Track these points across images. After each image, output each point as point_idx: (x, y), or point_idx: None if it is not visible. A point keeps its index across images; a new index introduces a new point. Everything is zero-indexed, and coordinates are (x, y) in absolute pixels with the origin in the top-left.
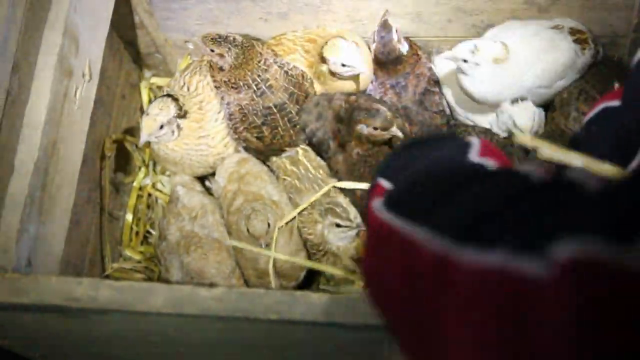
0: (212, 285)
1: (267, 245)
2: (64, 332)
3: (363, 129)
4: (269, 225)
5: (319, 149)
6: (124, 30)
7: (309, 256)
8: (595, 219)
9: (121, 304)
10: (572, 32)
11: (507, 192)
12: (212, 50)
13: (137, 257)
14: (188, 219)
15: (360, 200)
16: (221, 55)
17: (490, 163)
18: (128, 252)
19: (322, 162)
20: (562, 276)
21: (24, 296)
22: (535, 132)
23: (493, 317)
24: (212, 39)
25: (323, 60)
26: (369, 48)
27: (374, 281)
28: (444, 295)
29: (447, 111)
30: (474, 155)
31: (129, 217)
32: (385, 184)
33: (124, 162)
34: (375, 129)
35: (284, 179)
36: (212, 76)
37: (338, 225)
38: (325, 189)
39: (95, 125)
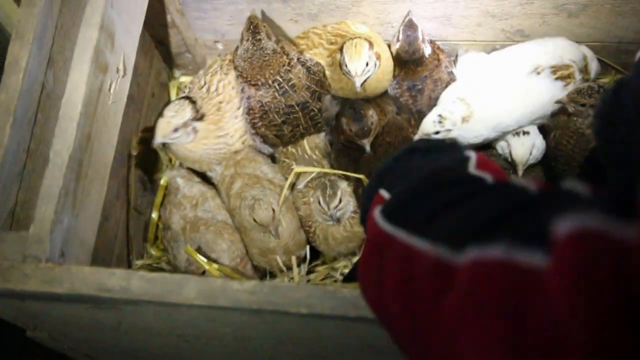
0: (243, 278)
1: (276, 230)
2: (94, 323)
3: (343, 123)
4: (273, 210)
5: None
6: (155, 29)
7: (305, 233)
8: (590, 204)
9: (153, 295)
10: (555, 70)
11: (507, 201)
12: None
13: (161, 255)
14: (189, 207)
15: (355, 190)
16: (241, 40)
17: (488, 176)
18: (153, 251)
19: (320, 143)
20: (562, 252)
21: (57, 286)
22: (531, 164)
23: (494, 310)
24: (251, 22)
25: (341, 50)
26: (390, 48)
27: (370, 287)
28: (443, 298)
29: None
30: (472, 169)
31: (155, 215)
32: (384, 193)
33: (152, 159)
34: (351, 130)
35: (283, 161)
36: (233, 60)
37: (318, 202)
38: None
39: (126, 122)
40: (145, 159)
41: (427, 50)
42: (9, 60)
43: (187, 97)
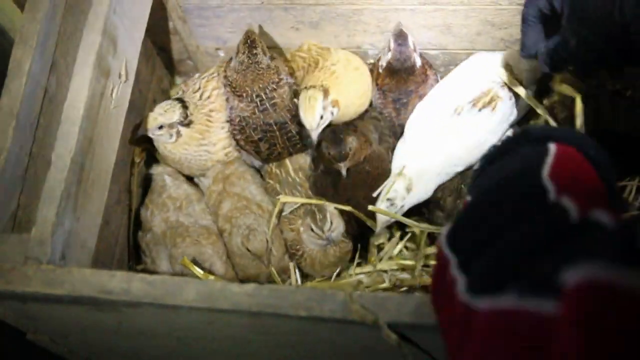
0: (243, 281)
1: (269, 260)
2: (95, 326)
3: (323, 146)
4: (267, 241)
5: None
6: (157, 36)
7: (290, 257)
8: (603, 248)
9: (153, 297)
10: (475, 102)
11: (535, 239)
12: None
13: None
14: (172, 209)
15: (340, 215)
16: (236, 53)
17: (551, 188)
18: None
19: (305, 164)
20: (571, 301)
21: (58, 287)
22: None
23: (510, 357)
24: (248, 37)
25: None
26: (378, 62)
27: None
28: (466, 342)
29: None
30: (545, 172)
31: None
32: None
33: (152, 165)
34: (329, 154)
35: (268, 182)
36: (224, 70)
37: (311, 229)
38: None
39: (127, 128)
40: (146, 164)
41: (417, 61)
42: (12, 65)
43: (181, 100)
